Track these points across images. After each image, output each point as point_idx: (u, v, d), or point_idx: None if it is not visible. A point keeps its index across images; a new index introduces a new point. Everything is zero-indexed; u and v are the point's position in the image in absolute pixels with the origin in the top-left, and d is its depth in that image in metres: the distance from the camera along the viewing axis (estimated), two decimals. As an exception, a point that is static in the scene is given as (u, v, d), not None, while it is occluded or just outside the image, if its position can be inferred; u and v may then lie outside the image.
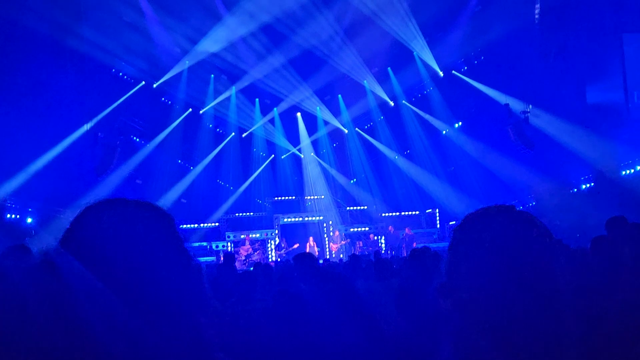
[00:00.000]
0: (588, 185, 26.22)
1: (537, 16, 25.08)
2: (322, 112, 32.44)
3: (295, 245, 27.23)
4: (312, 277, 7.78)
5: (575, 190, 26.68)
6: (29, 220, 22.46)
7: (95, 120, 25.59)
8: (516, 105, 26.26)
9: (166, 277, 1.68)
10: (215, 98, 30.52)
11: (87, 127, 25.19)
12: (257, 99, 31.95)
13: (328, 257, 26.67)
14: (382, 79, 31.01)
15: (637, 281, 4.73)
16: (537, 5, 25.06)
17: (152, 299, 1.64)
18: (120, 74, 27.67)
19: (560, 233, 20.61)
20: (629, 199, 19.55)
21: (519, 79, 26.41)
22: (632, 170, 24.77)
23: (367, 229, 29.26)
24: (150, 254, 1.67)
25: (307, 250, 27.16)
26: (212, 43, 27.14)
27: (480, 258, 1.79)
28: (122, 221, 1.70)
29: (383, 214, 30.19)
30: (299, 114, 33.01)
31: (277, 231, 28.32)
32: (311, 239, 27.73)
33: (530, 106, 25.96)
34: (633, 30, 24.83)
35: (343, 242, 28.19)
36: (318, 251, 27.40)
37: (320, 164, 33.55)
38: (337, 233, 28.59)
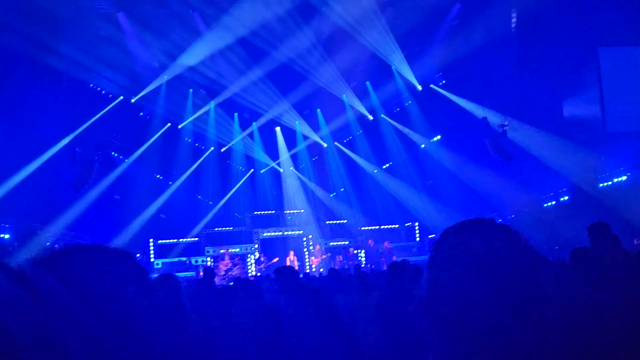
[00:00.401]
0: (566, 198, 26.39)
1: (513, 26, 25.27)
2: (301, 126, 32.47)
3: (275, 260, 27.17)
4: (292, 291, 7.76)
5: (554, 202, 26.85)
6: (6, 236, 22.26)
7: (73, 135, 25.47)
8: (494, 118, 26.42)
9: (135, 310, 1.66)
10: (194, 113, 30.45)
11: (64, 142, 25.06)
12: (236, 114, 31.92)
13: (308, 271, 26.62)
14: (361, 93, 31.10)
15: (617, 293, 4.75)
16: (514, 16, 25.25)
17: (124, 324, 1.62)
18: (98, 88, 27.58)
19: (538, 246, 20.67)
20: (606, 212, 19.66)
21: (496, 93, 26.60)
22: (610, 183, 24.98)
23: (347, 242, 29.26)
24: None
25: (288, 264, 27.10)
26: (190, 57, 27.11)
27: (461, 272, 1.78)
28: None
29: (363, 228, 30.20)
30: (278, 128, 33.01)
31: (256, 245, 28.25)
32: (292, 253, 27.67)
33: (507, 122, 26.11)
34: (609, 44, 25.08)
35: (324, 257, 28.16)
36: (298, 265, 27.35)
37: (299, 178, 33.56)
38: (317, 247, 28.57)
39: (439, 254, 1.88)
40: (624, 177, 24.54)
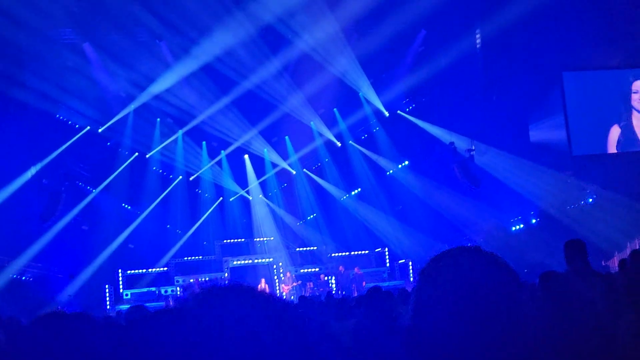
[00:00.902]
0: (534, 221, 26.63)
1: (478, 50, 25.56)
2: (269, 154, 32.44)
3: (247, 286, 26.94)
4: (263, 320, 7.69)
5: (522, 226, 27.07)
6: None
7: (39, 166, 25.25)
8: (461, 143, 26.65)
9: None
10: (161, 142, 30.29)
11: (31, 173, 24.83)
12: (204, 142, 31.81)
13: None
14: (329, 120, 31.19)
15: (587, 317, 4.78)
16: (479, 41, 25.55)
17: None
18: (65, 119, 27.41)
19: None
20: (573, 234, 19.87)
21: (463, 117, 26.87)
22: (576, 206, 25.26)
23: (317, 269, 29.19)
24: None
25: (258, 292, 26.94)
26: (157, 86, 27.04)
27: (447, 301, 1.79)
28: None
29: (333, 254, 30.16)
30: (246, 156, 32.94)
31: (226, 274, 28.08)
32: (263, 280, 27.55)
33: (474, 146, 26.36)
34: (573, 68, 25.45)
35: (294, 284, 28.05)
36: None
37: (268, 206, 33.47)
38: (288, 274, 28.45)
39: (425, 283, 1.88)
40: (590, 200, 24.84)
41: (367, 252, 30.70)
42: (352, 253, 30.40)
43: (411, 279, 27.34)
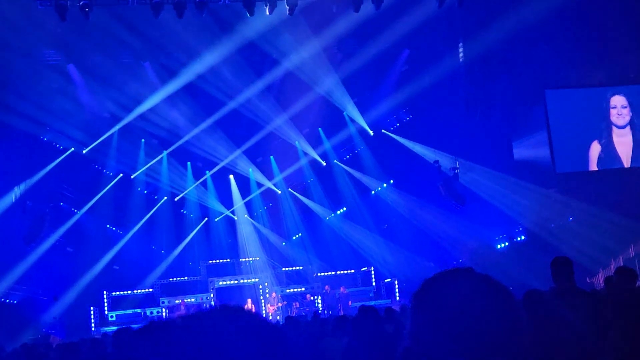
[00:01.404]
0: (518, 239, 26.73)
1: (461, 64, 25.72)
2: (254, 174, 32.44)
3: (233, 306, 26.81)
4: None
5: (506, 244, 27.16)
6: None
7: (23, 188, 25.14)
8: (446, 161, 26.78)
9: None
10: (146, 163, 30.25)
11: (15, 195, 24.72)
12: (189, 163, 31.78)
13: (265, 319, 26.36)
14: (314, 140, 31.25)
15: (572, 335, 4.82)
16: (462, 60, 25.70)
17: None
18: (49, 140, 27.34)
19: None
20: (558, 252, 19.95)
21: (447, 136, 27.01)
22: (560, 223, 25.38)
23: (303, 289, 29.13)
24: None
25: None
26: (141, 107, 27.05)
27: (444, 321, 1.80)
28: None
29: (319, 274, 30.12)
30: (231, 176, 32.92)
31: (212, 295, 27.97)
32: (249, 301, 27.48)
33: (458, 164, 26.49)
34: (555, 86, 25.67)
35: (280, 304, 27.98)
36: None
37: (254, 226, 33.42)
38: (273, 295, 28.38)
39: (420, 306, 1.89)
40: (573, 217, 24.99)
41: (353, 271, 30.67)
42: (338, 272, 30.37)
43: (397, 298, 27.36)
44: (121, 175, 30.34)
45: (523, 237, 26.48)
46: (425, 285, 1.93)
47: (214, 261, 30.76)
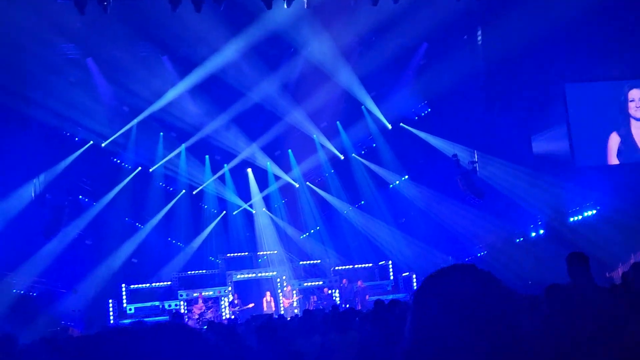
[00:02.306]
0: (536, 233, 26.60)
1: (480, 62, 25.58)
2: (272, 167, 32.47)
3: (250, 305, 26.91)
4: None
5: (523, 238, 27.04)
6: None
7: (42, 181, 25.29)
8: (464, 155, 26.67)
9: None
10: (164, 156, 30.35)
11: (34, 188, 24.88)
12: (207, 156, 31.86)
13: (283, 312, 26.47)
14: (332, 133, 31.23)
15: (591, 329, 4.77)
16: (480, 52, 25.58)
17: None
18: (68, 134, 27.50)
19: (511, 281, 20.79)
20: (577, 246, 19.83)
21: (466, 130, 26.89)
22: (580, 217, 25.22)
23: (320, 282, 29.16)
24: None
25: (265, 305, 27.02)
26: (160, 101, 27.14)
27: (444, 318, 1.79)
28: None
29: (337, 268, 30.14)
30: (249, 170, 32.97)
31: (230, 288, 28.06)
32: (268, 293, 27.60)
33: (476, 156, 26.38)
34: (575, 80, 25.50)
35: (296, 298, 28.04)
36: (275, 306, 27.30)
37: (272, 219, 33.47)
38: (289, 288, 28.44)
39: (420, 301, 1.88)
40: (594, 211, 24.81)
41: (370, 265, 30.68)
42: (356, 266, 30.39)
43: (415, 292, 27.28)
44: (140, 168, 30.47)
45: (542, 232, 26.34)
46: (426, 282, 1.92)
47: (232, 254, 30.85)
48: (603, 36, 23.91)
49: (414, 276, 28.27)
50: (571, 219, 25.45)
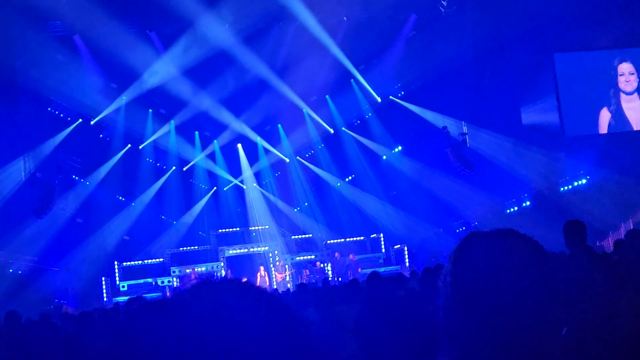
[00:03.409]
0: (528, 203, 26.70)
1: (469, 34, 25.50)
2: (262, 142, 32.42)
3: (243, 280, 26.93)
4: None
5: (516, 208, 27.14)
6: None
7: (32, 160, 25.18)
8: (454, 127, 26.67)
9: None
10: (154, 132, 30.25)
11: (23, 167, 24.77)
12: (196, 132, 31.77)
13: (275, 287, 26.55)
14: (321, 107, 31.16)
15: (588, 297, 4.81)
16: (469, 23, 25.46)
17: None
18: (56, 112, 27.36)
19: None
20: (568, 215, 19.93)
21: (456, 102, 26.87)
22: (570, 187, 25.33)
23: (313, 257, 29.23)
24: None
25: (258, 280, 27.08)
26: (149, 77, 26.98)
27: (485, 282, 1.80)
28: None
29: (329, 241, 30.22)
30: (239, 145, 32.90)
31: (222, 264, 28.10)
32: (262, 268, 27.64)
33: (465, 128, 26.39)
34: (564, 49, 25.47)
35: (288, 272, 28.12)
36: (268, 280, 27.37)
37: (263, 194, 33.47)
38: (281, 262, 28.51)
39: (459, 266, 1.89)
40: (584, 180, 24.91)
41: (362, 238, 30.77)
42: (348, 239, 30.47)
43: (407, 264, 27.43)
44: (129, 145, 30.37)
45: (531, 202, 26.46)
46: (468, 238, 1.93)
47: (223, 230, 30.87)
48: (592, 4, 23.89)
49: (406, 249, 28.38)
50: (562, 189, 25.56)
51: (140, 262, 28.37)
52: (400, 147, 30.85)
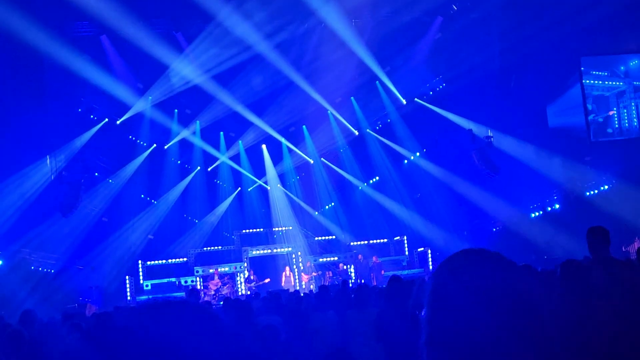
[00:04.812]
0: (552, 207, 26.52)
1: (495, 38, 25.37)
2: (287, 143, 32.48)
3: (266, 280, 27.05)
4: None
5: (541, 212, 26.96)
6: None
7: (59, 159, 25.38)
8: (479, 130, 26.54)
9: None
10: (179, 133, 30.42)
11: (50, 166, 24.99)
12: (221, 132, 31.90)
13: (299, 288, 26.61)
14: (346, 109, 31.16)
15: (606, 305, 4.76)
16: (496, 27, 25.35)
17: None
18: (83, 111, 27.56)
19: (526, 256, 20.79)
20: (594, 219, 19.77)
21: (481, 105, 26.72)
22: (596, 191, 25.12)
23: (336, 258, 29.22)
24: None
25: (283, 280, 27.15)
26: (174, 78, 27.11)
27: (462, 302, 1.79)
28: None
29: (352, 243, 30.22)
30: (264, 146, 32.99)
31: (245, 264, 28.18)
32: (287, 268, 27.74)
33: (490, 131, 26.22)
34: (591, 53, 25.27)
35: (314, 274, 28.14)
36: (293, 281, 27.44)
37: (287, 195, 33.52)
38: (308, 263, 28.54)
39: (438, 285, 1.89)
40: (610, 185, 24.72)
41: (385, 240, 30.74)
42: (371, 242, 30.45)
43: (430, 267, 27.37)
44: (155, 145, 30.56)
45: (557, 206, 26.27)
46: (441, 266, 1.92)
47: (247, 230, 30.97)
48: (619, 8, 23.66)
49: (429, 251, 28.31)
50: (587, 193, 25.35)
51: (164, 261, 28.51)
52: (424, 150, 30.73)
